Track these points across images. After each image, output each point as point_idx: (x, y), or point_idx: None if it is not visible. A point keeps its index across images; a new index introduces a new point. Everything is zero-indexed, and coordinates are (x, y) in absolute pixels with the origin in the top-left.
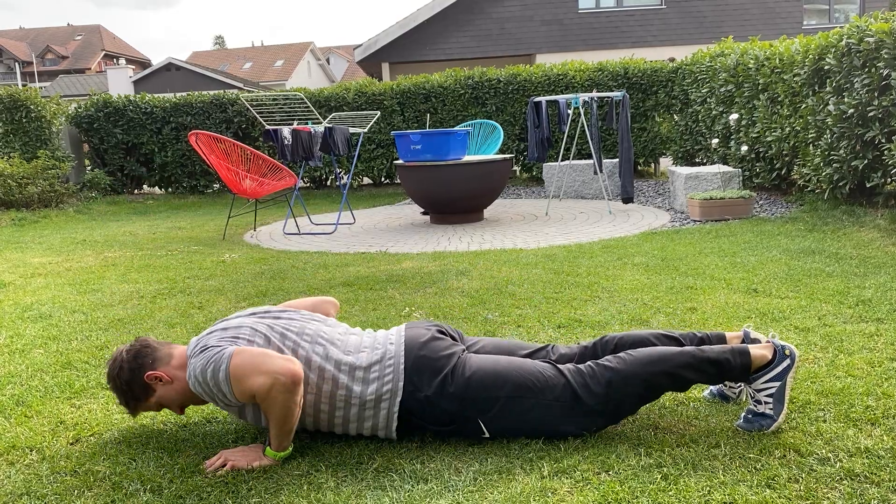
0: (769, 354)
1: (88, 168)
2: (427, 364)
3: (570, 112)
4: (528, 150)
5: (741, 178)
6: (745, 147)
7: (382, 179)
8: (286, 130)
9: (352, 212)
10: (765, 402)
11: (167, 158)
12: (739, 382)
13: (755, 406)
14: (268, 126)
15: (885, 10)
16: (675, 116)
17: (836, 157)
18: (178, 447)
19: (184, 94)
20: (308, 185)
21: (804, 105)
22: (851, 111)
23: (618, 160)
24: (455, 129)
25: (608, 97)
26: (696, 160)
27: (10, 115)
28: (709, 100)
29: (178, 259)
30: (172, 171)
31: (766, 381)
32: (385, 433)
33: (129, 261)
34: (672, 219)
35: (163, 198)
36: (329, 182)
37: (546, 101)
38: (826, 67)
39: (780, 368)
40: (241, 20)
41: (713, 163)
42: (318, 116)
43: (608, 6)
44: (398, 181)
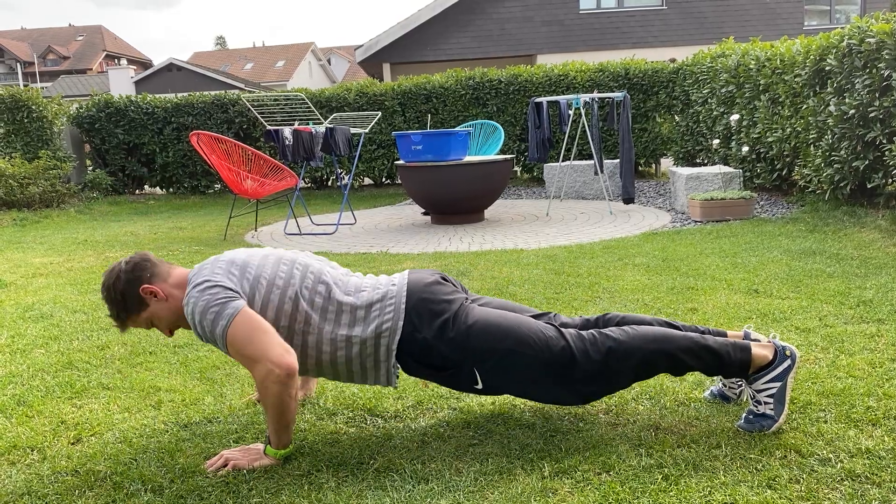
0: (770, 355)
1: (90, 168)
2: (428, 306)
3: (571, 113)
4: (529, 151)
5: (742, 179)
6: (746, 148)
7: (383, 180)
8: (287, 131)
9: (353, 212)
10: (765, 403)
11: (168, 159)
12: (735, 379)
13: (756, 407)
14: (269, 126)
15: (886, 11)
16: (676, 117)
17: (837, 158)
18: (179, 447)
19: (185, 95)
20: (309, 186)
21: (805, 106)
22: (852, 112)
23: (619, 161)
24: (456, 130)
25: (609, 98)
26: (697, 161)
27: (12, 116)
28: (710, 100)
29: (180, 259)
30: (174, 172)
31: (767, 382)
32: (385, 378)
33: None
34: (673, 219)
35: (164, 198)
36: (330, 182)
37: (547, 102)
38: (827, 68)
39: (781, 369)
40: (242, 20)
41: (714, 163)
42: (320, 117)
43: (609, 7)
44: (399, 181)
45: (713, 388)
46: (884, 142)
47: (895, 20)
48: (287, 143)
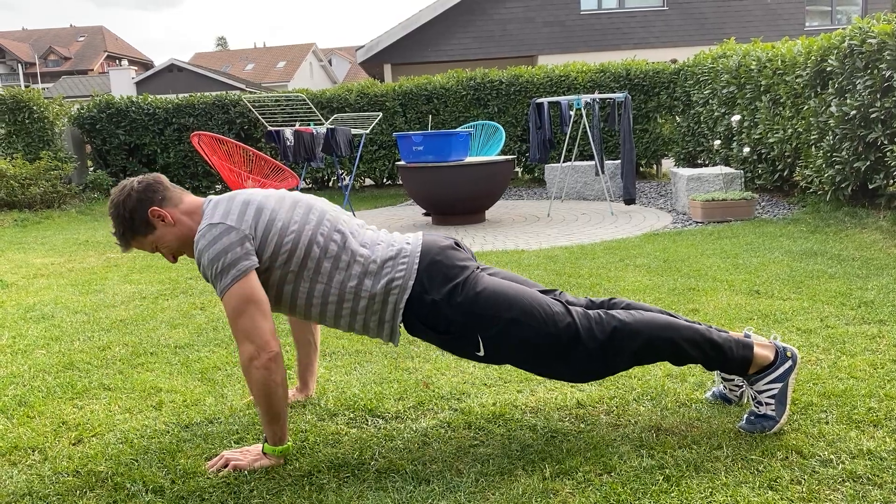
0: (771, 356)
1: (91, 169)
2: (441, 269)
3: (573, 113)
4: (530, 152)
5: (743, 180)
6: (747, 148)
7: (384, 180)
8: (288, 132)
9: (353, 213)
10: (767, 404)
11: (169, 159)
12: (734, 377)
13: (757, 408)
14: (270, 127)
15: (888, 12)
16: (678, 118)
17: (839, 159)
18: (180, 448)
19: (186, 96)
20: (310, 186)
21: (806, 107)
22: (854, 113)
23: (620, 161)
24: (457, 131)
25: (610, 98)
26: (698, 161)
27: (13, 116)
28: (711, 101)
29: (180, 259)
30: (175, 172)
31: (768, 383)
32: (388, 334)
33: (132, 262)
34: (674, 220)
35: None
36: (331, 183)
37: (548, 103)
38: (828, 69)
39: (782, 370)
40: (242, 21)
41: (715, 164)
42: (321, 117)
43: (610, 7)
44: (400, 182)
45: (714, 390)
46: (885, 143)
47: None
48: (288, 144)
